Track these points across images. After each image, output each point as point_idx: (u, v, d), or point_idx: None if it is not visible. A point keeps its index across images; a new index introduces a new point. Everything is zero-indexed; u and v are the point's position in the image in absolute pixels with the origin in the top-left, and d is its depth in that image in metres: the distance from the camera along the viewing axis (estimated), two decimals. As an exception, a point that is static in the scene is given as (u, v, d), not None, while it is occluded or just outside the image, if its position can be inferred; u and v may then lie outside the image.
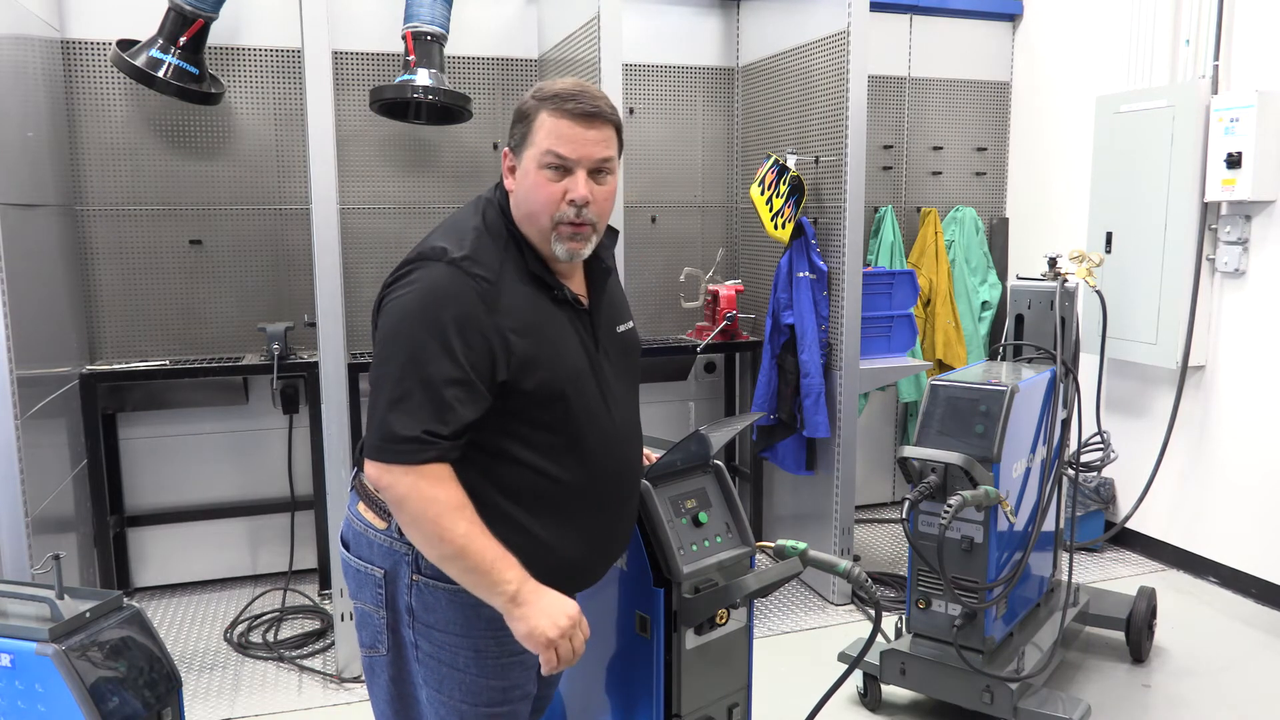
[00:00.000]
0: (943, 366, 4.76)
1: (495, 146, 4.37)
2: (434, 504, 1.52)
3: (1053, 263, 3.28)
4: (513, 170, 1.67)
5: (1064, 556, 3.41)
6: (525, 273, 1.64)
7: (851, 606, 3.95)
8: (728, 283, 4.48)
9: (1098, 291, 3.34)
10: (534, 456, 1.63)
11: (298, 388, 4.05)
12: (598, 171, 1.63)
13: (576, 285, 1.74)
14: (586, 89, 1.63)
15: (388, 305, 1.59)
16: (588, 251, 1.69)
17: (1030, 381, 3.00)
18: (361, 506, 1.72)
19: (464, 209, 1.74)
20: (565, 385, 1.63)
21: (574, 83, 1.65)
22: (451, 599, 1.63)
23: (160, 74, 3.62)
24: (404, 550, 1.64)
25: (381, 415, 1.54)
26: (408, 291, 1.57)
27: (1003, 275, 5.12)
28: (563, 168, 1.60)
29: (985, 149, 5.18)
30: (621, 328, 1.84)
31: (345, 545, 1.77)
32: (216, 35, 3.81)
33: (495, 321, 1.56)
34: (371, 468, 1.56)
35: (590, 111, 1.60)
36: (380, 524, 1.68)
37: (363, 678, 3.29)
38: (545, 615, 1.55)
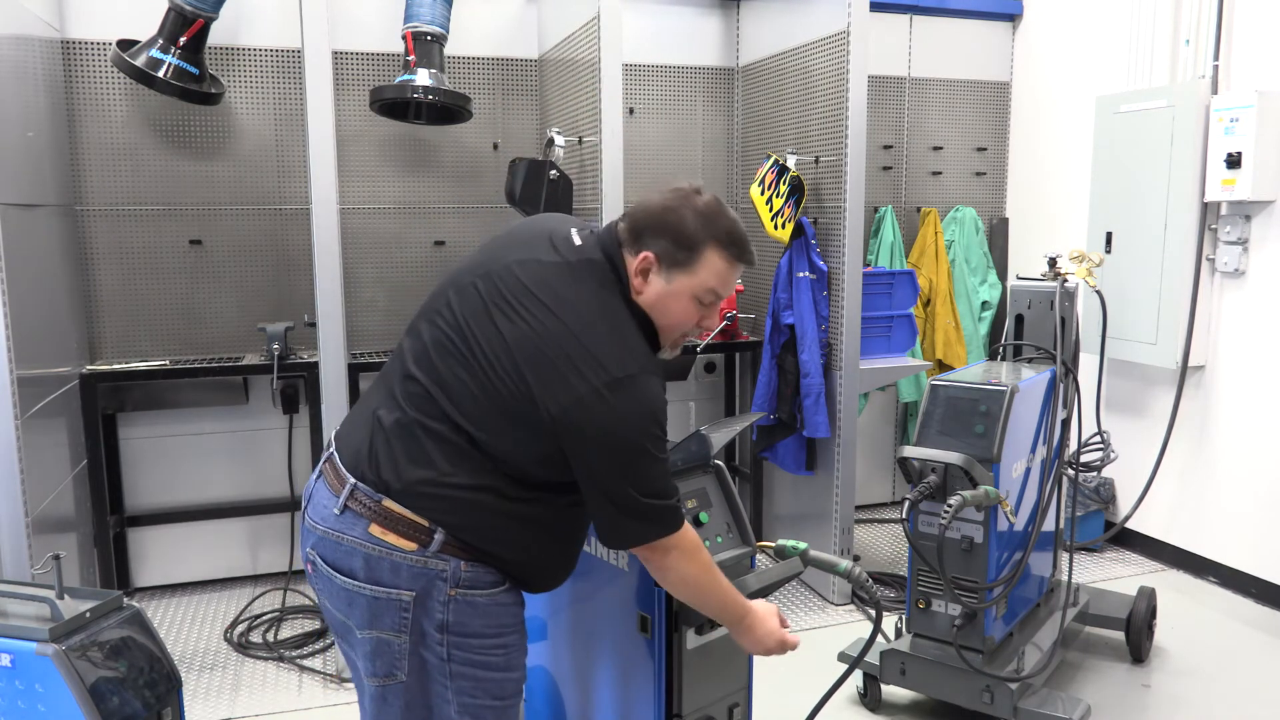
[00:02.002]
0: (943, 366, 4.76)
1: (495, 147, 4.37)
2: (699, 566, 1.74)
3: (1053, 263, 3.28)
4: (645, 274, 1.72)
5: (1064, 556, 3.41)
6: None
7: (851, 606, 3.95)
8: (728, 283, 4.47)
9: (1098, 291, 3.34)
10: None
11: (298, 388, 4.05)
12: None
13: None
14: (744, 233, 1.74)
15: (605, 424, 1.60)
16: None
17: (1030, 381, 3.00)
18: (376, 530, 1.65)
19: (592, 304, 1.69)
20: None
21: (737, 221, 1.74)
22: (488, 604, 1.70)
23: (160, 74, 3.62)
24: (439, 568, 1.64)
25: (637, 506, 1.65)
26: (626, 410, 1.61)
27: (1003, 275, 5.12)
28: (710, 302, 1.75)
29: (985, 149, 5.18)
30: None
31: (346, 574, 1.67)
32: (216, 35, 3.81)
33: None
34: (642, 550, 1.70)
35: (751, 260, 1.76)
36: (408, 546, 1.64)
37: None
38: (769, 632, 1.87)
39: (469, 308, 1.70)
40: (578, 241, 1.76)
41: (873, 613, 2.06)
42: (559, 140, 3.80)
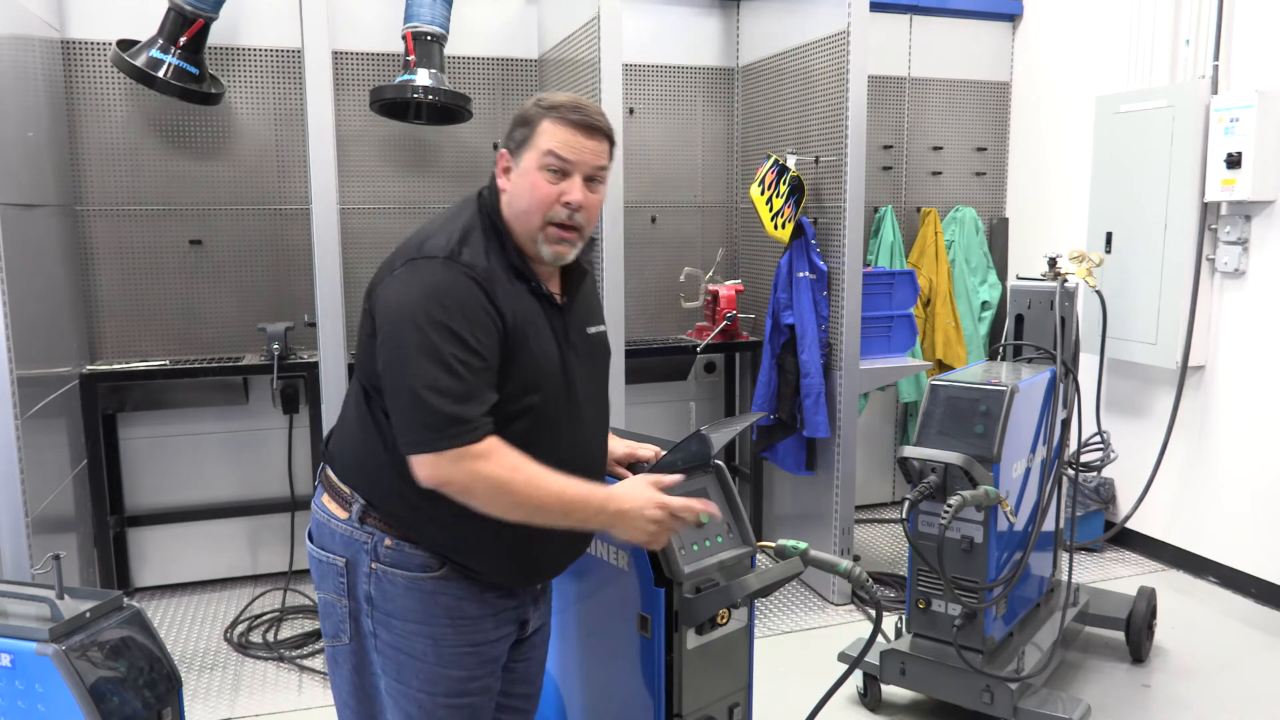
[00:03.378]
0: (943, 366, 4.76)
1: (495, 146, 4.34)
2: (496, 478, 1.57)
3: (1053, 263, 3.28)
4: (507, 171, 1.72)
5: (1064, 556, 3.41)
6: (510, 267, 1.70)
7: (851, 606, 3.95)
8: (728, 283, 4.48)
9: (1098, 291, 3.34)
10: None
11: (298, 388, 4.05)
12: (591, 180, 1.71)
13: (553, 285, 1.80)
14: (588, 104, 1.73)
15: (387, 304, 1.62)
16: (572, 256, 1.75)
17: (1030, 381, 3.00)
18: (325, 499, 1.77)
19: (451, 207, 1.77)
20: (541, 377, 1.69)
21: (576, 97, 1.73)
22: (409, 587, 1.69)
23: (160, 74, 3.62)
24: (363, 540, 1.70)
25: (411, 410, 1.57)
26: (407, 289, 1.60)
27: (1003, 275, 5.12)
28: (561, 171, 1.68)
29: (985, 149, 5.18)
30: (592, 330, 1.87)
31: (310, 537, 1.82)
32: (216, 35, 3.81)
33: (495, 309, 1.62)
34: (421, 464, 1.57)
35: (592, 124, 1.70)
36: (341, 514, 1.73)
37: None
38: (639, 507, 1.68)
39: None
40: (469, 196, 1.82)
41: (873, 613, 2.07)
42: (559, 140, 3.79)
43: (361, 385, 1.73)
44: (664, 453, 2.04)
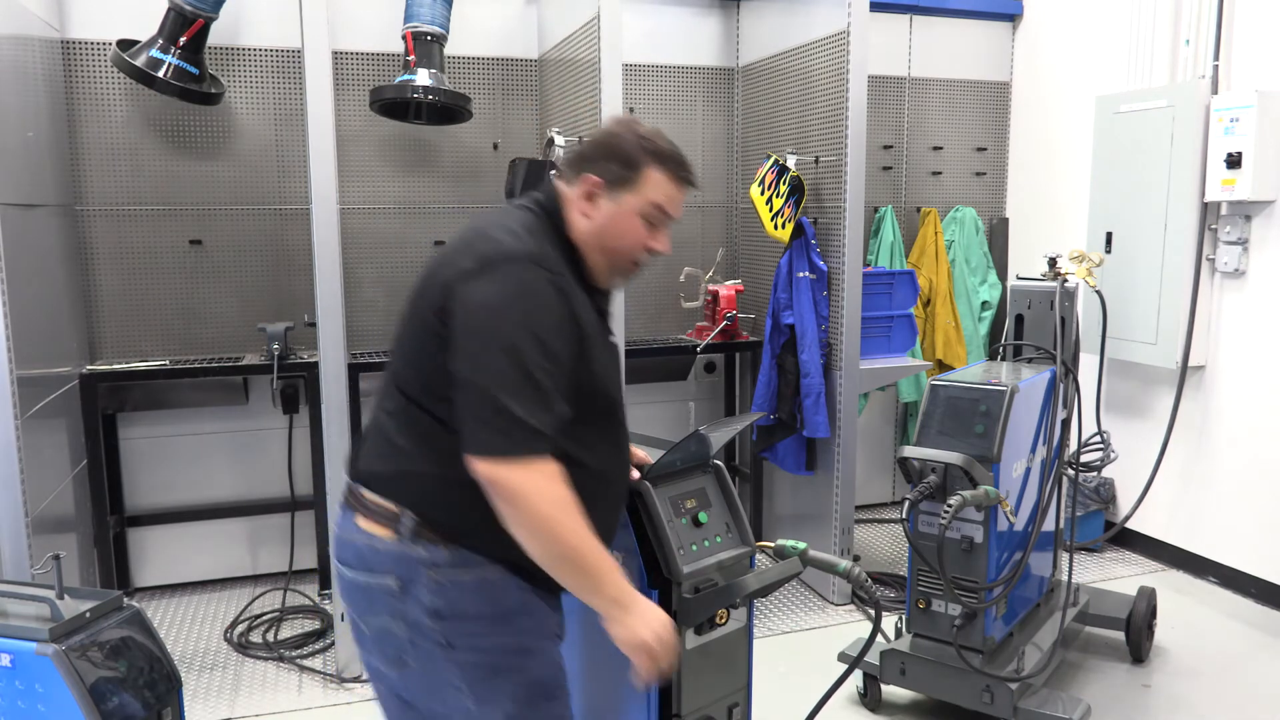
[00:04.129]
0: (943, 366, 4.76)
1: (495, 147, 4.37)
2: (552, 502, 1.53)
3: (1053, 263, 3.28)
4: (591, 197, 1.70)
5: (1064, 556, 3.41)
6: (581, 282, 1.71)
7: (851, 606, 3.95)
8: (728, 283, 4.48)
9: (1098, 291, 3.34)
10: (576, 449, 1.65)
11: (298, 388, 4.05)
12: None
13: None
14: (685, 156, 1.75)
15: (472, 303, 1.56)
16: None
17: (1030, 381, 3.00)
18: (361, 521, 1.67)
19: (514, 213, 1.71)
20: (607, 386, 1.72)
21: (673, 145, 1.74)
22: (479, 586, 1.62)
23: (160, 74, 3.62)
24: (418, 553, 1.61)
25: (489, 409, 1.51)
26: (496, 289, 1.55)
27: (1003, 275, 5.12)
28: (658, 222, 1.73)
29: (985, 149, 5.18)
30: (612, 338, 1.90)
31: (345, 564, 1.70)
32: (216, 35, 3.81)
33: (574, 322, 1.62)
34: (483, 464, 1.52)
35: (693, 182, 1.77)
36: (385, 533, 1.64)
37: (363, 677, 3.32)
38: (646, 623, 1.61)
39: (416, 287, 1.73)
40: (521, 201, 1.77)
41: (872, 613, 2.06)
42: (559, 140, 3.79)
43: (405, 396, 1.65)
44: (662, 453, 2.04)
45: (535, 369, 1.53)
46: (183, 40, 3.62)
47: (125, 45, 3.69)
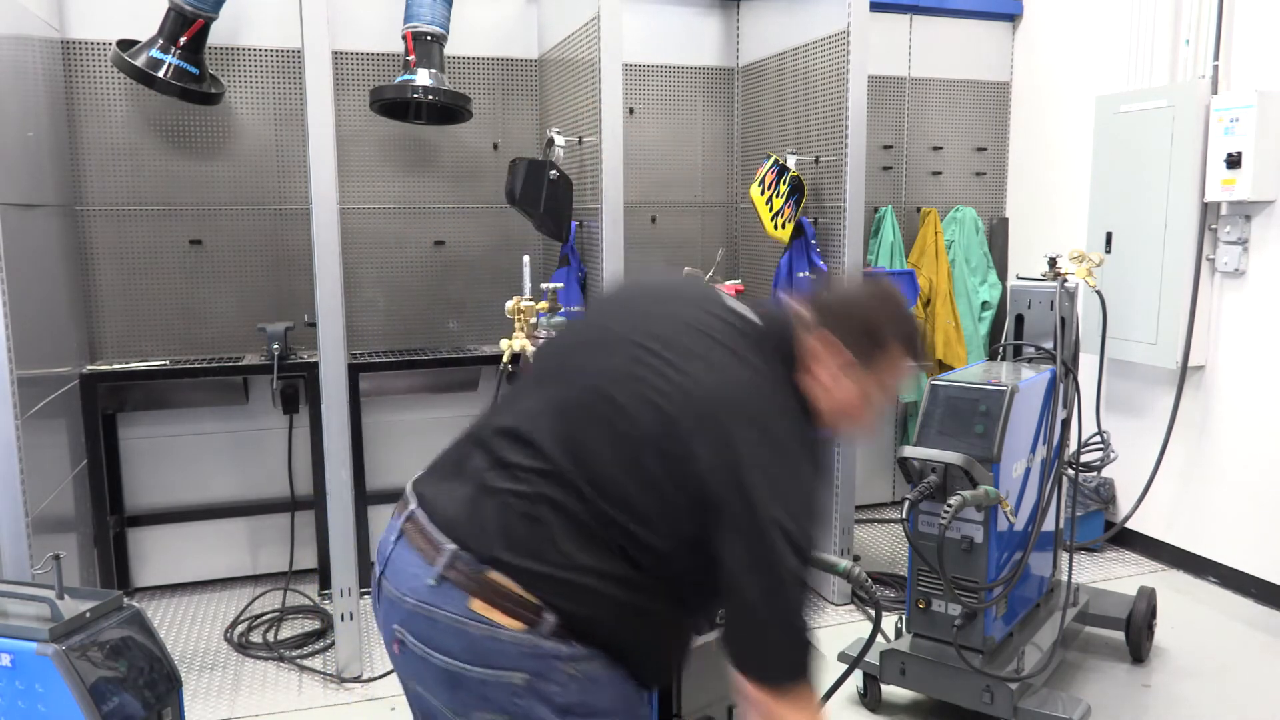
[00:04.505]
0: (943, 366, 4.76)
1: (495, 147, 4.37)
2: None
3: (1053, 263, 3.27)
4: (826, 360, 1.57)
5: (1064, 556, 3.40)
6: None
7: (851, 606, 3.95)
8: (728, 283, 4.47)
9: (1098, 291, 3.34)
10: (693, 596, 1.59)
11: (298, 388, 4.05)
12: None
13: None
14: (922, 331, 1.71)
15: (752, 471, 1.41)
16: None
17: (1030, 381, 3.00)
18: (479, 605, 1.43)
19: (771, 365, 1.55)
20: None
21: (919, 323, 1.71)
22: (610, 681, 1.49)
23: (160, 74, 3.62)
24: (553, 648, 1.43)
25: (776, 630, 1.42)
26: (786, 477, 1.46)
27: (1003, 275, 5.12)
28: (885, 398, 1.66)
29: (985, 149, 5.18)
30: None
31: (448, 654, 1.45)
32: (216, 35, 3.81)
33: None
34: (759, 691, 1.42)
35: (924, 358, 1.76)
36: (515, 625, 1.42)
37: (363, 676, 3.32)
38: None
39: (608, 366, 1.53)
40: (738, 308, 1.63)
41: (872, 612, 2.06)
42: (559, 140, 3.80)
43: (601, 511, 1.45)
44: None
45: (805, 574, 1.44)
46: (183, 40, 3.62)
47: (125, 45, 3.69)
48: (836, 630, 3.71)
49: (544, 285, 3.28)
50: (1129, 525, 4.41)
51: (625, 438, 1.45)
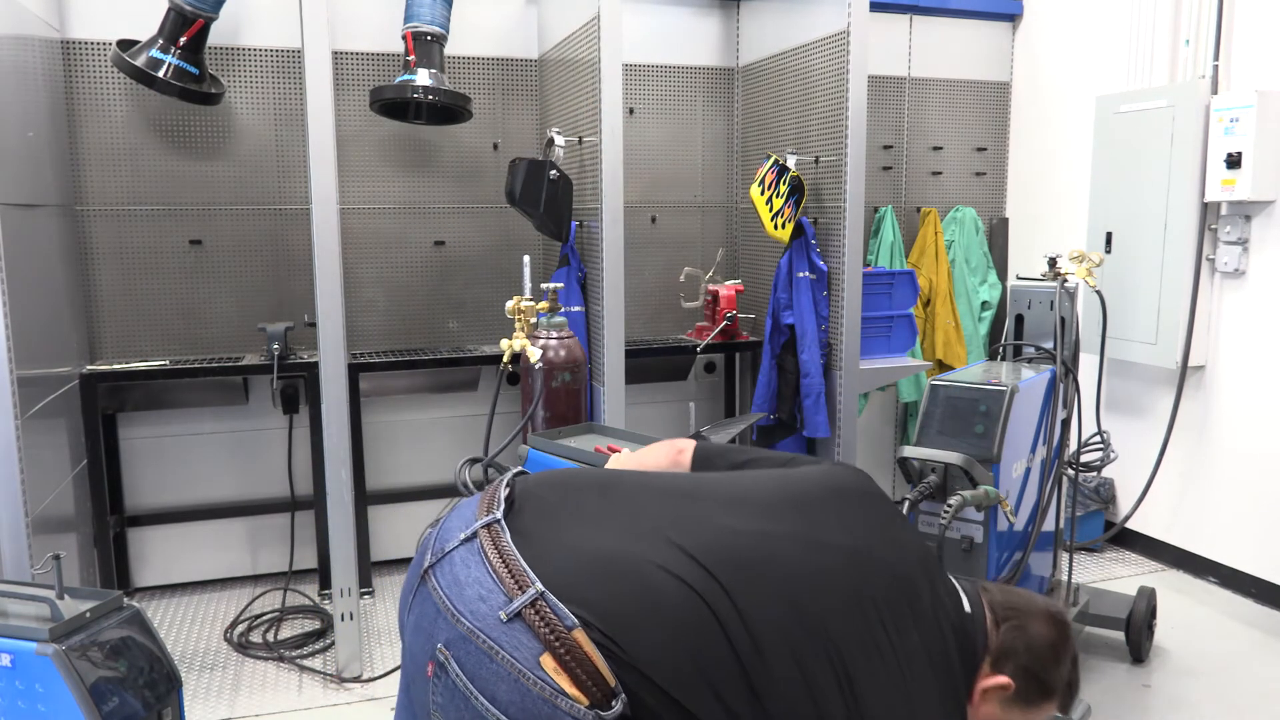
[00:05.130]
0: (943, 366, 4.76)
1: (495, 147, 4.38)
2: None
3: (1053, 263, 3.28)
4: (994, 699, 1.54)
5: (1064, 556, 3.41)
6: None
7: None
8: (728, 283, 4.48)
9: (1098, 291, 3.34)
10: None
11: (298, 388, 4.05)
12: None
13: None
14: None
15: None
16: None
17: (1030, 381, 3.00)
18: (550, 664, 1.25)
19: (957, 697, 1.50)
20: None
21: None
22: None
23: (160, 74, 3.62)
24: None
25: None
26: None
27: (1003, 275, 5.12)
28: None
29: (985, 149, 5.18)
30: None
31: (492, 700, 1.26)
32: (216, 35, 3.81)
33: None
34: None
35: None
36: (580, 698, 1.24)
37: (363, 676, 3.32)
38: None
39: (837, 600, 1.38)
40: (958, 601, 1.56)
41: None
42: (559, 140, 3.80)
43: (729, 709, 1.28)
44: None
45: None
46: (183, 40, 3.62)
47: (125, 45, 3.69)
48: (836, 630, 3.70)
49: (544, 285, 3.28)
50: (1129, 525, 4.42)
51: (814, 682, 1.32)
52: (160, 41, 3.63)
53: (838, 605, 1.37)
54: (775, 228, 3.91)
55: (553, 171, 3.69)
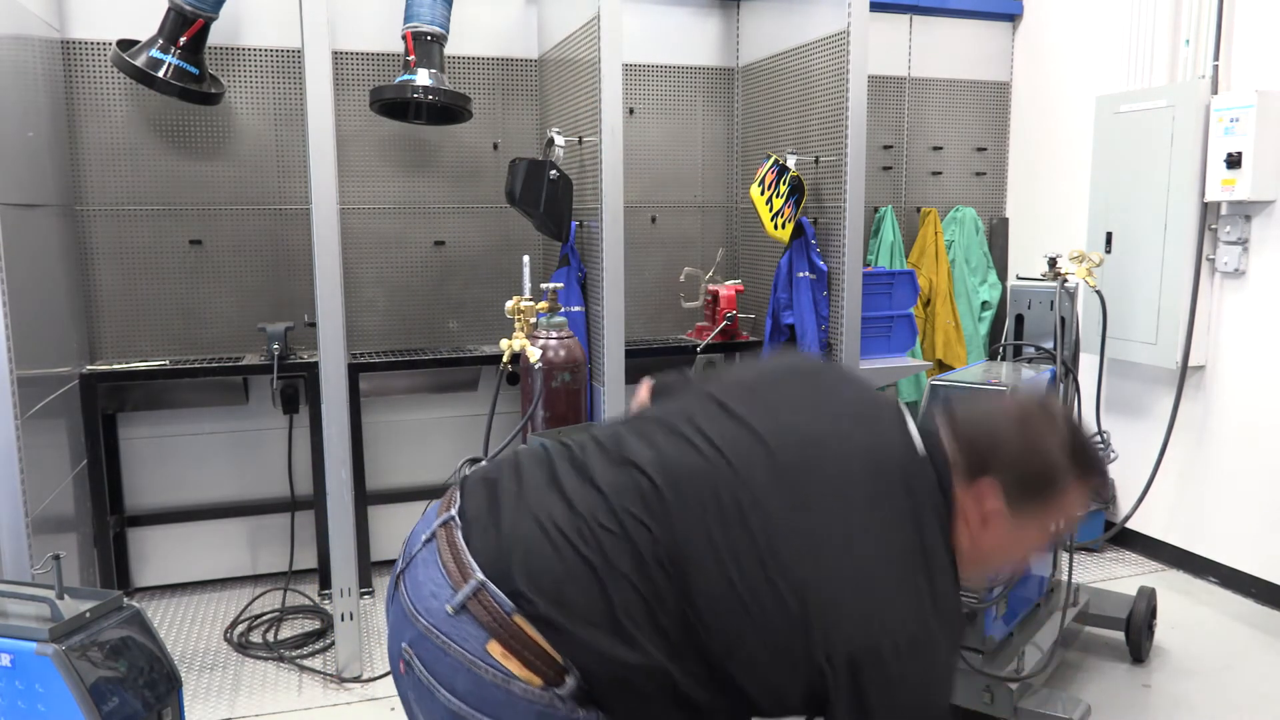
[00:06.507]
0: (943, 366, 4.76)
1: (495, 147, 4.37)
2: None
3: (1053, 263, 3.28)
4: (987, 517, 1.39)
5: (1064, 556, 3.41)
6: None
7: None
8: (728, 283, 4.48)
9: (1098, 291, 3.34)
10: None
11: (298, 388, 4.05)
12: None
13: None
14: (1104, 463, 1.47)
15: (892, 689, 1.25)
16: None
17: (1030, 381, 3.00)
18: (497, 650, 1.29)
19: (929, 528, 1.34)
20: None
21: (1098, 451, 1.45)
22: None
23: (160, 74, 3.62)
24: (566, 713, 1.30)
25: None
26: (927, 681, 1.29)
27: (1003, 275, 5.12)
28: (1056, 532, 1.47)
29: (985, 149, 5.18)
30: None
31: (453, 692, 1.32)
32: (216, 35, 3.81)
33: None
34: None
35: (1106, 496, 1.52)
36: (534, 680, 1.28)
37: (363, 676, 3.32)
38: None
39: (749, 459, 1.35)
40: (909, 435, 1.43)
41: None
42: (559, 140, 3.80)
43: (683, 618, 1.29)
44: None
45: None
46: (183, 40, 3.62)
47: (125, 45, 3.69)
48: (836, 630, 3.70)
49: (544, 285, 3.28)
50: (1129, 525, 4.41)
51: (740, 555, 1.28)
52: (160, 41, 3.63)
53: (751, 498, 1.32)
54: (775, 228, 3.91)
55: (553, 171, 3.69)
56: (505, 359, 3.08)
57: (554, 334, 3.16)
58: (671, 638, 1.29)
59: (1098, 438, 3.56)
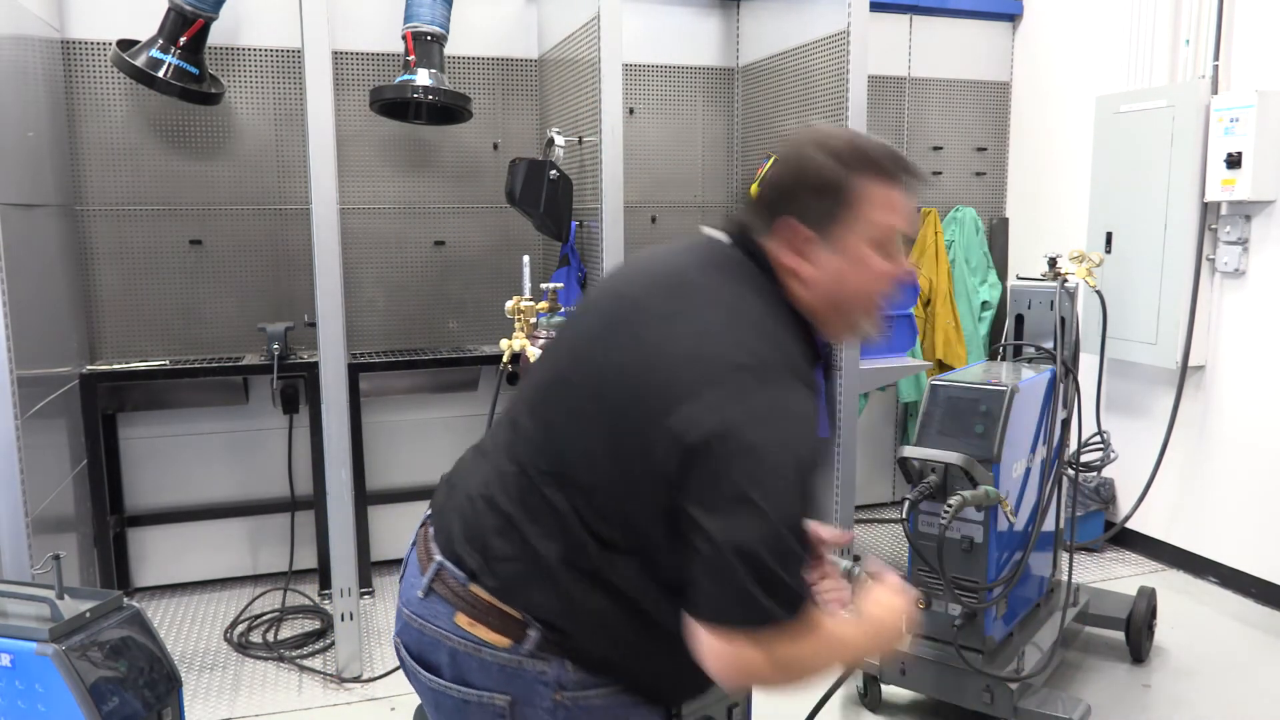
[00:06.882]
0: (943, 366, 4.76)
1: (495, 147, 4.37)
2: (819, 655, 1.32)
3: (1053, 263, 3.28)
4: (802, 254, 1.35)
5: (1064, 556, 3.41)
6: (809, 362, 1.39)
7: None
8: (728, 283, 4.47)
9: (1098, 291, 3.34)
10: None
11: (298, 388, 4.05)
12: None
13: None
14: (896, 149, 1.40)
15: (726, 450, 1.22)
16: None
17: (1030, 381, 3.00)
18: (464, 620, 1.35)
19: (727, 287, 1.34)
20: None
21: (881, 143, 1.38)
22: (612, 704, 1.37)
23: (160, 74, 3.62)
24: (539, 669, 1.33)
25: (738, 578, 1.19)
26: (760, 419, 1.27)
27: (1003, 275, 5.12)
28: (893, 243, 1.37)
29: (985, 149, 5.18)
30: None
31: (433, 671, 1.39)
32: (216, 35, 3.81)
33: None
34: (720, 639, 1.22)
35: (916, 175, 1.40)
36: (501, 640, 1.33)
37: (363, 676, 3.32)
38: (887, 626, 1.49)
39: (575, 337, 1.42)
40: (710, 238, 1.44)
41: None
42: (559, 140, 3.80)
43: (572, 509, 1.31)
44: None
45: (800, 522, 1.29)
46: (183, 40, 3.62)
47: (125, 45, 3.69)
48: (836, 630, 3.70)
49: (544, 285, 3.28)
50: (1129, 525, 4.41)
51: (585, 406, 1.33)
52: (160, 41, 3.63)
53: (590, 363, 1.36)
54: (775, 228, 3.90)
55: (553, 171, 3.69)
56: (505, 359, 3.08)
57: (554, 334, 3.16)
58: (590, 552, 1.31)
59: (1098, 438, 3.57)
